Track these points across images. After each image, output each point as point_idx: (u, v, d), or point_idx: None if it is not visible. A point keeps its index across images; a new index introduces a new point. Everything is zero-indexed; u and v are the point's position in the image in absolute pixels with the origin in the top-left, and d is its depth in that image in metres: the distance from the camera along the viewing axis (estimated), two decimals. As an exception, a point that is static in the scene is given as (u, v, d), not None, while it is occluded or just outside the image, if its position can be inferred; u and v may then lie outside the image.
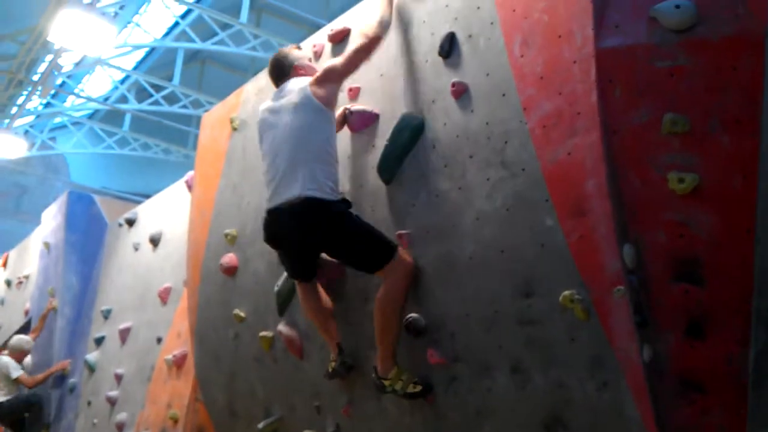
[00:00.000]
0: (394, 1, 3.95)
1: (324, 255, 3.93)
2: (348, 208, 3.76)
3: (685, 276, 2.78)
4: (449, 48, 3.57)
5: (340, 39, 4.43)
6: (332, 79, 3.85)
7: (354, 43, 3.87)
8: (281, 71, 4.13)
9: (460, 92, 3.47)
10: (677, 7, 2.84)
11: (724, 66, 2.80)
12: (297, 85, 3.89)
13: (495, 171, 3.26)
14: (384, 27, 3.85)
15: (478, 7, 3.45)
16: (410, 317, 3.57)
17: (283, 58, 4.16)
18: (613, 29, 2.92)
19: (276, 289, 4.48)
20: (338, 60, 3.88)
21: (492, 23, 3.36)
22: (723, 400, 2.70)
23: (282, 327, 4.45)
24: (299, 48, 4.32)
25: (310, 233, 3.69)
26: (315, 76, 3.87)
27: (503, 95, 3.26)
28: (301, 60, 4.16)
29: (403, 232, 3.67)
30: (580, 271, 2.91)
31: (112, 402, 7.37)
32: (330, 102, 3.83)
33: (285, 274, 4.41)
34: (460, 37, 3.53)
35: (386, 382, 3.52)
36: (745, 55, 2.77)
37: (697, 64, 2.83)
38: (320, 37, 4.63)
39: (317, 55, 4.56)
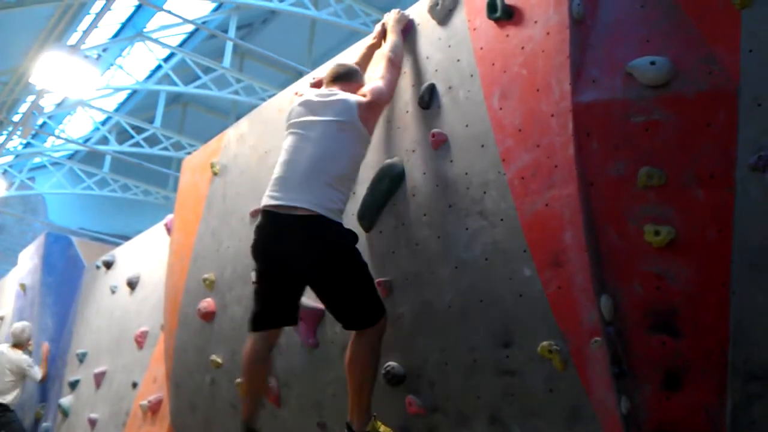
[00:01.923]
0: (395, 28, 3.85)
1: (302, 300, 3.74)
2: (355, 243, 3.57)
3: (662, 327, 2.80)
4: (429, 99, 3.62)
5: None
6: (381, 106, 3.70)
7: (386, 68, 3.72)
8: (344, 78, 3.79)
9: (440, 142, 3.51)
10: (653, 63, 2.91)
11: (699, 121, 2.86)
12: (344, 99, 3.59)
13: (474, 220, 3.29)
14: (402, 54, 3.79)
15: (458, 60, 3.51)
16: (389, 365, 3.56)
17: (356, 72, 3.86)
18: (590, 84, 2.98)
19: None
20: (383, 86, 3.66)
21: (472, 76, 3.42)
22: (700, 452, 2.71)
23: (259, 374, 4.41)
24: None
25: (312, 250, 3.41)
26: (366, 101, 3.58)
27: (482, 146, 3.30)
28: (361, 86, 3.79)
29: (382, 279, 3.67)
30: (557, 322, 2.93)
31: (85, 448, 7.25)
32: (373, 129, 3.67)
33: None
34: (441, 88, 3.58)
35: None
36: (719, 111, 2.83)
37: (673, 119, 2.88)
38: (303, 85, 4.67)
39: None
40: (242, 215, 4.81)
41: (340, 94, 3.65)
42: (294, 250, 3.45)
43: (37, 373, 8.25)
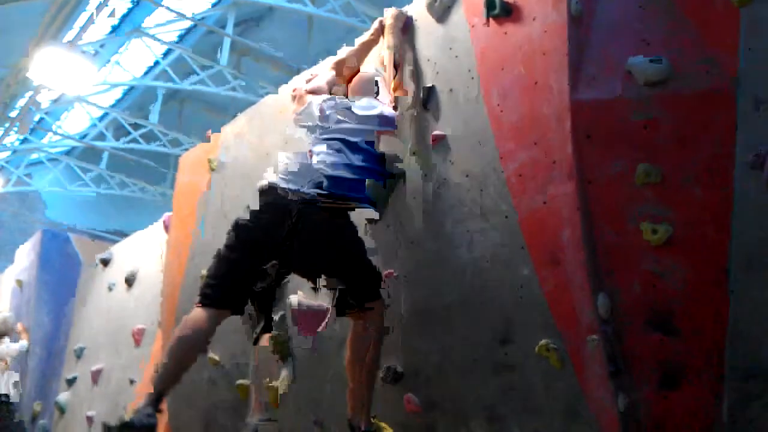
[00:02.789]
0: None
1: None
2: None
3: (659, 326, 2.81)
4: (428, 98, 3.60)
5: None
6: None
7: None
8: (369, 93, 3.75)
9: (439, 141, 3.50)
10: (651, 62, 2.91)
11: (697, 120, 2.86)
12: (385, 113, 3.64)
13: (473, 221, 3.28)
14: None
15: (457, 58, 3.50)
16: (388, 364, 3.55)
17: (376, 83, 3.79)
18: (589, 83, 2.97)
19: (254, 335, 4.43)
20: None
21: (470, 74, 3.41)
22: (697, 451, 2.71)
23: (258, 374, 4.41)
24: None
25: (338, 230, 3.44)
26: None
27: (481, 146, 3.29)
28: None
29: (381, 279, 3.66)
30: (555, 320, 2.92)
31: (82, 445, 7.25)
32: None
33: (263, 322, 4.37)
34: (440, 87, 3.57)
35: None
36: (718, 110, 2.83)
37: (671, 117, 2.89)
38: (300, 81, 4.64)
39: (299, 98, 4.56)
40: (241, 213, 4.79)
41: (379, 106, 3.65)
42: (329, 240, 3.41)
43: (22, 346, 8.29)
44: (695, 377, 2.75)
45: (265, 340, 4.05)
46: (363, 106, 3.66)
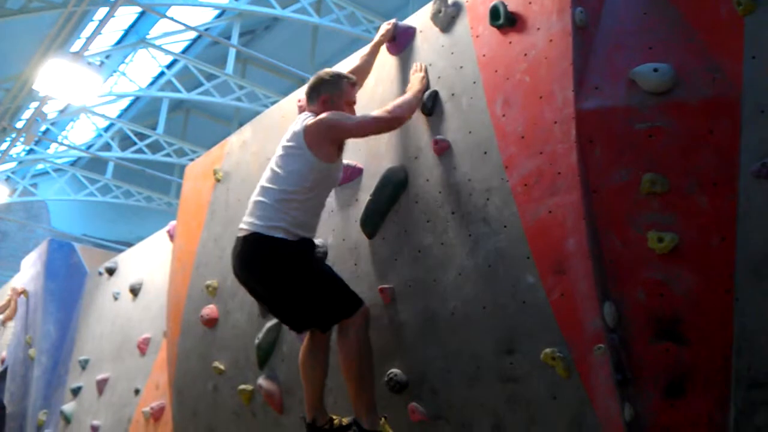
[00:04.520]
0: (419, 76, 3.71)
1: None
2: (306, 250, 3.53)
3: (666, 335, 2.80)
4: (432, 106, 3.61)
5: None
6: (335, 136, 3.54)
7: (381, 111, 3.54)
8: (310, 96, 3.72)
9: (443, 149, 3.51)
10: (655, 70, 2.91)
11: (702, 128, 2.85)
12: (299, 126, 3.55)
13: (477, 227, 3.29)
14: (411, 110, 3.59)
15: (461, 67, 3.51)
16: (392, 372, 3.55)
17: (319, 84, 3.71)
18: (593, 91, 2.98)
19: (256, 341, 4.45)
20: (351, 120, 3.57)
21: (474, 83, 3.42)
22: (704, 460, 2.70)
23: (262, 381, 4.41)
24: (350, 79, 3.74)
25: (250, 270, 3.58)
26: (309, 125, 3.50)
27: (485, 153, 3.30)
28: (332, 95, 3.65)
29: (385, 286, 3.67)
30: (561, 329, 2.92)
31: (87, 455, 7.24)
32: (328, 156, 3.51)
33: (266, 326, 4.39)
34: (443, 95, 3.58)
35: None
36: (722, 118, 2.83)
37: (675, 126, 2.88)
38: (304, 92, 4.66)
39: (301, 110, 4.59)
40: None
41: (300, 117, 3.67)
42: (242, 267, 3.62)
43: None
44: (701, 386, 2.74)
45: None
46: (292, 128, 3.67)
